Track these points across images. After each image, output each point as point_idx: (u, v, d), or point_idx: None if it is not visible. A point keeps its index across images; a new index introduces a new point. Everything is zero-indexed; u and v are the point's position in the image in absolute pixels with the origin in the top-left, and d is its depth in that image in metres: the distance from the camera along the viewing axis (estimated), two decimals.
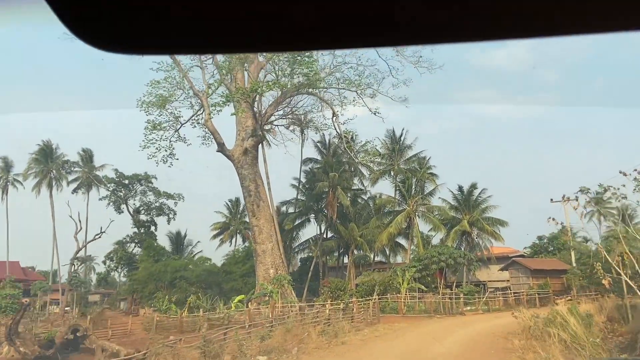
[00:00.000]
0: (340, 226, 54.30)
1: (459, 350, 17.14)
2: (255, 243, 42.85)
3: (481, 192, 50.25)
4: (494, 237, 49.22)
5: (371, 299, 30.74)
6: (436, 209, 49.60)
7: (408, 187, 49.35)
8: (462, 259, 38.51)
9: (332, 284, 34.47)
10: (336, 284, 34.18)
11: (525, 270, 43.53)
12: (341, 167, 54.33)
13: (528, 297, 40.40)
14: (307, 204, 55.04)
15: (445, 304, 35.06)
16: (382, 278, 34.09)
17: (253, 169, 43.54)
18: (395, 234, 48.47)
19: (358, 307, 26.37)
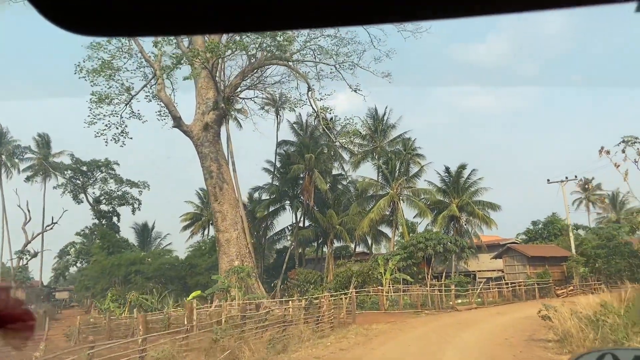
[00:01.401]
0: (317, 214, 48.81)
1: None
2: (218, 231, 37.11)
3: (471, 173, 45.06)
4: (485, 223, 44.03)
5: (347, 292, 25.41)
6: (422, 192, 44.28)
7: (391, 168, 43.95)
8: (453, 245, 33.20)
9: (300, 275, 29.00)
10: (305, 275, 28.72)
11: (521, 257, 38.47)
12: (318, 148, 48.79)
13: (526, 288, 35.34)
14: (281, 189, 49.38)
15: (434, 297, 29.81)
16: (360, 268, 28.64)
17: (215, 147, 37.71)
18: (378, 221, 43.09)
19: (330, 304, 20.95)
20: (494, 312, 22.97)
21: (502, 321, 18.67)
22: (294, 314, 18.62)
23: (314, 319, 18.76)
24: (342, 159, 54.62)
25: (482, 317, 20.05)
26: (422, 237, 33.38)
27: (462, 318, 19.79)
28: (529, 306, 27.07)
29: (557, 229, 45.05)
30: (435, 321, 20.29)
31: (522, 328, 16.32)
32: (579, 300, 22.28)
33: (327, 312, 20.67)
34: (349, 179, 51.84)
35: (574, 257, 37.98)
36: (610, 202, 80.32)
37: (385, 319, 23.17)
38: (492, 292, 35.26)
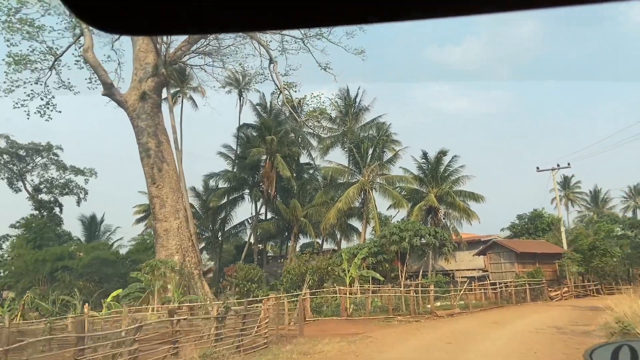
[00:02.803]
0: (280, 204, 42.74)
1: None
2: (156, 220, 30.64)
3: (452, 160, 39.49)
4: (466, 215, 38.53)
5: (300, 294, 19.49)
6: (397, 179, 38.60)
7: (363, 153, 38.14)
8: (432, 237, 27.47)
9: (240, 272, 22.92)
10: (245, 272, 22.64)
11: (509, 253, 33.00)
12: (281, 129, 42.71)
13: (516, 289, 29.81)
14: (239, 176, 43.13)
15: (409, 299, 24.01)
16: (317, 263, 22.59)
17: (154, 121, 31.23)
18: (346, 211, 37.22)
19: (271, 309, 15.01)
20: (488, 320, 17.23)
21: (509, 336, 12.88)
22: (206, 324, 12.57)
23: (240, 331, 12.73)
24: (309, 146, 48.75)
25: (475, 329, 14.30)
26: (397, 228, 27.60)
27: (449, 331, 14.03)
28: (527, 311, 21.45)
29: (545, 223, 39.83)
30: (412, 334, 14.40)
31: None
32: (600, 304, 16.67)
33: (263, 321, 14.61)
34: (316, 166, 45.93)
35: (568, 254, 32.70)
36: (591, 200, 76.24)
37: (345, 329, 17.23)
38: (476, 294, 29.65)
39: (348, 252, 24.82)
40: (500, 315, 18.67)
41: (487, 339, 12.13)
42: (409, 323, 19.78)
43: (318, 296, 20.81)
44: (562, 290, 31.19)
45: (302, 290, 19.85)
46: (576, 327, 13.98)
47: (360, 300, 22.45)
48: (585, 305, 23.07)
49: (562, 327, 14.11)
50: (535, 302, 29.45)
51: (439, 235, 27.73)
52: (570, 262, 32.20)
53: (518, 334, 12.86)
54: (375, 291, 25.17)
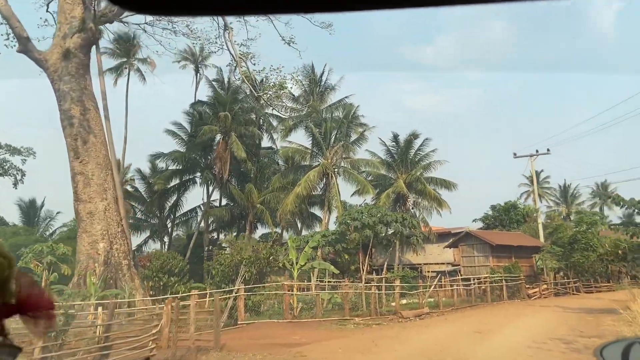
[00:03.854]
0: (234, 189, 38.25)
1: None
2: (78, 201, 25.74)
3: (423, 143, 35.75)
4: (437, 204, 34.89)
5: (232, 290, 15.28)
6: (363, 163, 34.62)
7: (326, 132, 33.96)
8: (400, 224, 23.55)
9: (155, 262, 18.52)
10: (163, 261, 18.23)
11: (483, 246, 29.43)
12: (237, 105, 38.19)
13: (492, 286, 26.22)
14: (189, 156, 38.39)
15: (371, 296, 20.04)
16: (255, 252, 18.21)
17: (79, 84, 26.22)
18: (306, 197, 33.01)
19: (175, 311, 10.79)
20: (466, 326, 13.15)
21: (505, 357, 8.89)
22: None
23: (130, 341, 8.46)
24: (271, 128, 44.35)
25: (453, 343, 10.19)
26: (358, 213, 23.54)
27: (417, 348, 9.98)
28: (510, 314, 17.67)
29: (521, 214, 36.53)
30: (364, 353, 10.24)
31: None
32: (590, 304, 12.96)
33: (165, 328, 10.32)
34: (276, 148, 41.56)
35: (547, 248, 29.36)
36: (561, 195, 74.25)
37: (284, 336, 13.10)
38: (447, 291, 25.98)
39: (294, 240, 20.59)
40: (480, 320, 14.88)
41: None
42: (368, 327, 15.75)
43: (257, 293, 16.63)
44: (540, 288, 27.81)
45: (235, 285, 15.64)
46: (585, 339, 10.20)
47: (310, 299, 18.37)
48: (575, 306, 19.53)
49: (569, 340, 10.32)
50: (512, 300, 25.92)
51: (408, 222, 23.80)
52: (549, 256, 28.90)
53: (515, 353, 9.01)
54: (335, 287, 21.18)
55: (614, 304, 20.98)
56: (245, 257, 16.42)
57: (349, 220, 23.10)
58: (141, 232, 39.59)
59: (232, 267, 16.53)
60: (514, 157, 34.77)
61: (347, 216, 23.27)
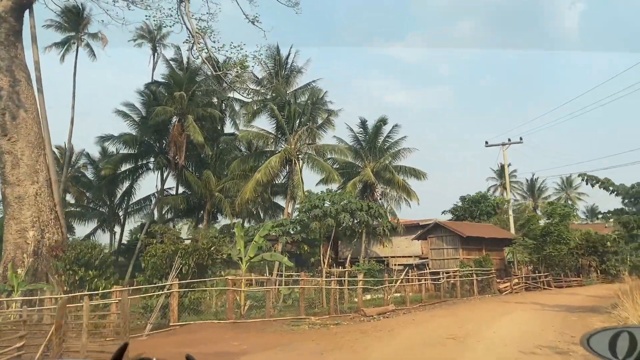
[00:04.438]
0: (191, 175, 35.44)
1: None
2: (5, 183, 22.70)
3: (392, 130, 33.74)
4: (406, 194, 33.02)
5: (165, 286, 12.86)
6: (329, 149, 32.35)
7: (290, 115, 31.50)
8: (365, 213, 21.40)
9: (71, 252, 15.89)
10: (79, 252, 15.61)
11: (453, 238, 27.63)
12: (194, 85, 35.33)
13: (462, 280, 24.39)
14: (141, 139, 35.40)
15: (331, 292, 17.85)
16: (193, 241, 15.62)
17: (9, 53, 22.97)
18: (266, 183, 30.56)
19: (62, 312, 8.32)
20: (438, 330, 11.00)
21: None
22: None
23: None
24: (234, 114, 41.65)
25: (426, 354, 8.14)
26: (320, 200, 21.28)
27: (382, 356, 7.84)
28: (484, 312, 15.74)
29: (491, 206, 35.00)
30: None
31: None
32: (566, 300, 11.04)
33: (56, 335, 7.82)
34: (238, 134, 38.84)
35: (519, 240, 27.82)
36: (528, 189, 73.98)
37: (218, 343, 10.74)
38: (414, 286, 24.04)
39: (252, 229, 18.18)
40: (452, 321, 12.85)
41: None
42: (324, 328, 13.52)
43: (196, 289, 14.18)
44: (512, 282, 26.21)
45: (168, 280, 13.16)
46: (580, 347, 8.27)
47: (257, 296, 16.05)
48: (552, 303, 17.79)
49: (562, 349, 8.31)
50: (482, 295, 24.18)
51: (374, 211, 21.66)
52: (521, 249, 27.37)
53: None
54: (298, 281, 18.91)
55: (593, 300, 19.40)
56: (180, 248, 13.96)
57: (309, 208, 20.82)
58: (88, 221, 36.40)
59: (165, 259, 14.07)
60: (485, 146, 33.23)
61: (307, 203, 20.97)
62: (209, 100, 37.79)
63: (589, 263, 33.84)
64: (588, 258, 33.85)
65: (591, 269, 34.32)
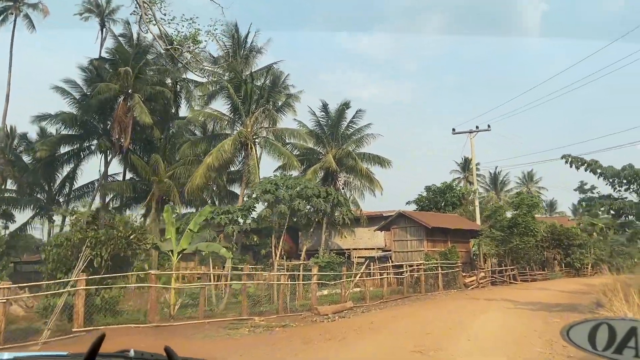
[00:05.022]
0: (138, 160, 32.36)
1: None
2: None
3: (356, 115, 31.64)
4: (369, 182, 31.07)
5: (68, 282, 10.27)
6: (288, 133, 29.96)
7: (246, 94, 28.94)
8: (323, 200, 19.19)
9: None
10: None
11: (417, 229, 25.78)
12: (141, 61, 32.20)
13: (426, 274, 22.54)
14: (82, 119, 32.07)
15: (281, 288, 15.60)
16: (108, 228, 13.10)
17: None
18: (218, 169, 28.00)
19: None
20: (401, 337, 8.86)
21: None
22: None
23: None
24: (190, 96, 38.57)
25: None
26: (272, 184, 18.89)
27: None
28: (454, 311, 13.78)
29: (457, 196, 33.44)
30: None
31: None
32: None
33: None
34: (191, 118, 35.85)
35: (486, 232, 26.27)
36: (491, 182, 73.66)
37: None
38: (375, 280, 22.07)
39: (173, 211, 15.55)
40: (418, 324, 10.78)
41: None
42: (266, 332, 11.23)
43: (112, 285, 11.65)
44: (478, 276, 24.59)
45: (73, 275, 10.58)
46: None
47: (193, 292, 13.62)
48: (524, 299, 16.04)
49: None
50: (448, 290, 22.40)
51: (333, 197, 19.45)
52: (488, 240, 25.82)
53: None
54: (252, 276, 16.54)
55: (567, 297, 17.82)
56: (89, 236, 11.38)
57: (260, 194, 18.43)
58: (24, 208, 32.85)
59: (72, 250, 11.49)
60: (452, 133, 31.55)
61: (258, 189, 18.55)
62: (160, 79, 34.65)
63: (553, 256, 32.78)
64: (553, 251, 32.79)
65: (555, 262, 33.30)
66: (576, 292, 19.17)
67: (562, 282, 25.84)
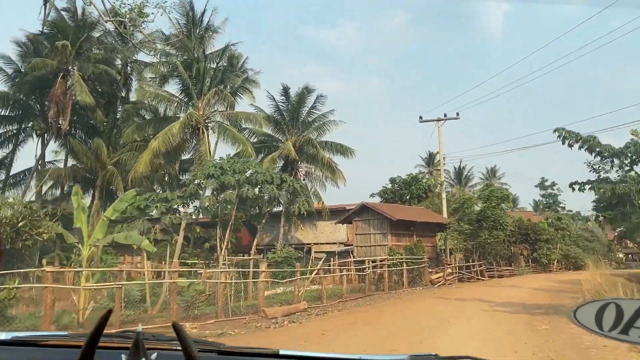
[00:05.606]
0: (78, 144, 29.24)
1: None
2: None
3: (317, 100, 29.48)
4: (331, 173, 29.01)
5: None
6: (244, 117, 27.48)
7: (199, 75, 26.32)
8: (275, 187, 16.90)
9: None
10: None
11: (381, 222, 23.84)
12: (83, 36, 29.05)
13: (389, 270, 20.62)
14: (16, 98, 28.70)
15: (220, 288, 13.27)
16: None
17: None
18: (166, 154, 25.32)
19: None
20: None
21: None
22: None
23: None
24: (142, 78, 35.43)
25: None
26: (216, 167, 16.44)
27: None
28: (424, 315, 11.77)
29: (422, 189, 31.75)
30: None
31: None
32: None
33: None
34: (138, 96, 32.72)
35: (454, 225, 24.58)
36: (455, 177, 73.11)
37: None
38: (335, 277, 20.02)
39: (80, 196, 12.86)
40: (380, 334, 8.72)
41: None
42: None
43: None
44: (445, 272, 22.86)
45: None
46: None
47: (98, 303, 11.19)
48: (498, 299, 14.25)
49: None
50: (413, 288, 20.54)
51: (288, 185, 17.18)
52: (456, 234, 24.17)
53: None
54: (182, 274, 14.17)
55: (544, 296, 16.20)
56: None
57: (201, 178, 15.99)
58: None
59: None
60: (419, 121, 29.82)
61: (200, 173, 16.05)
62: (107, 58, 31.49)
63: (520, 252, 31.59)
64: (520, 246, 31.60)
65: (522, 257, 32.16)
66: (550, 289, 17.64)
67: (530, 279, 24.47)
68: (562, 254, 33.41)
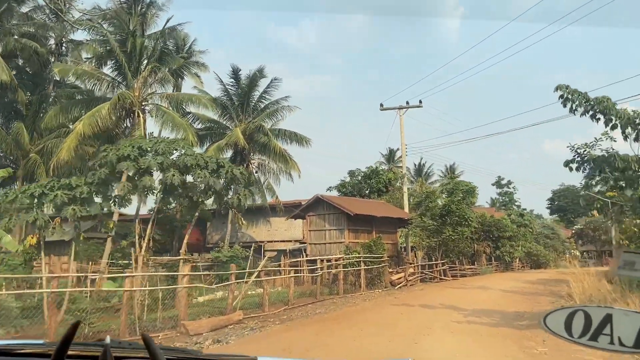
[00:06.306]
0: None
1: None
2: None
3: (270, 84, 26.72)
4: (284, 163, 26.37)
5: None
6: (186, 99, 24.40)
7: (134, 51, 23.09)
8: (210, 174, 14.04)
9: None
10: None
11: (337, 217, 21.37)
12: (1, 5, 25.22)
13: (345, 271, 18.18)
14: None
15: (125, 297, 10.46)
16: None
17: None
18: (94, 139, 22.01)
19: None
20: None
21: None
22: None
23: None
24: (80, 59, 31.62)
25: None
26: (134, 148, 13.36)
27: None
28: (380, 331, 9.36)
29: (383, 182, 29.55)
30: None
31: None
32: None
33: None
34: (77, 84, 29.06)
35: (417, 221, 22.39)
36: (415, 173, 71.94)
37: None
38: (285, 278, 17.45)
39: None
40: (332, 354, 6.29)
41: None
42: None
43: None
44: (407, 272, 20.62)
45: None
46: None
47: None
48: (468, 305, 12.02)
49: None
50: (371, 290, 18.17)
51: (226, 170, 14.34)
52: (419, 230, 22.01)
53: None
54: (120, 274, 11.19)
55: (520, 299, 14.11)
56: None
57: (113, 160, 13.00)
58: None
59: None
60: (380, 109, 27.50)
61: (112, 154, 13.05)
62: (33, 33, 27.68)
63: (483, 249, 29.89)
64: (482, 244, 29.91)
65: (484, 255, 30.49)
66: (523, 292, 15.62)
67: (496, 279, 22.62)
68: (525, 252, 32.02)
